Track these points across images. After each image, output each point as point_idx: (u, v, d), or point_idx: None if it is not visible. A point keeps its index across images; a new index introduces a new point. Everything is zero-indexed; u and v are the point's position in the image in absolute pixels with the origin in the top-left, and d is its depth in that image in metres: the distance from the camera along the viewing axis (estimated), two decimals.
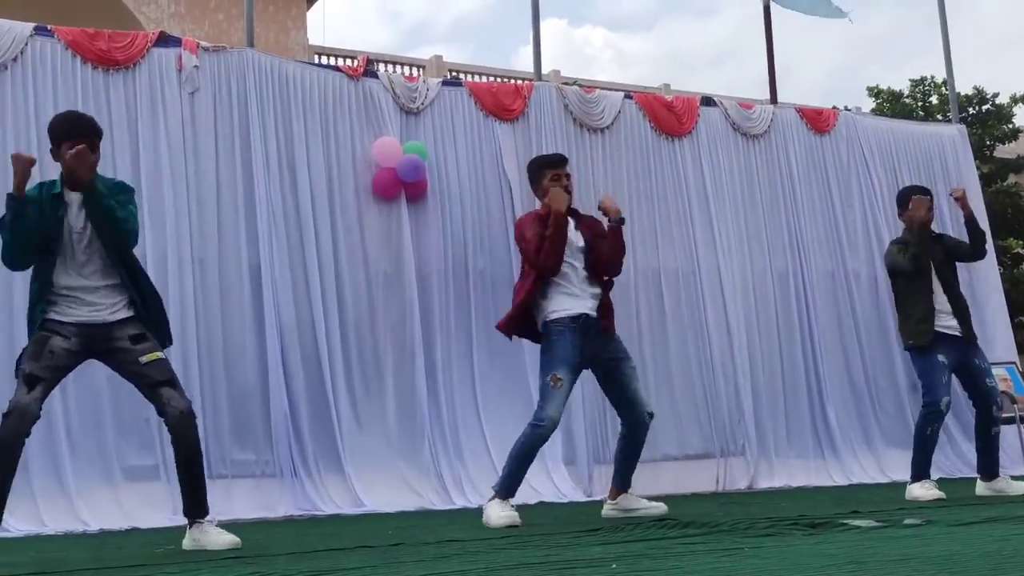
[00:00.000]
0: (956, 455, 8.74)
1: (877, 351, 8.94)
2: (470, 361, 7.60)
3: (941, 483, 6.28)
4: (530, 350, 7.64)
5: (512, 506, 5.01)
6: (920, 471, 6.04)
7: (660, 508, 5.25)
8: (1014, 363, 9.06)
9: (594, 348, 5.13)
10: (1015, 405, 8.51)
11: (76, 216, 4.25)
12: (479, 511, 5.18)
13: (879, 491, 7.17)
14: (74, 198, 4.26)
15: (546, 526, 4.84)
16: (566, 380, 5.02)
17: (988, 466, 6.15)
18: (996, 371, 8.54)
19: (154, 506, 6.33)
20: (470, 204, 7.81)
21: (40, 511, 6.06)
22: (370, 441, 7.13)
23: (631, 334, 7.44)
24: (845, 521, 4.08)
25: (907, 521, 4.09)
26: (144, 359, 4.23)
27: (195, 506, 4.30)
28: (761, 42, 9.49)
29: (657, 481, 7.69)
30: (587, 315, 5.10)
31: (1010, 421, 8.05)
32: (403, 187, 7.49)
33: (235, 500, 6.57)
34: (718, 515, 4.83)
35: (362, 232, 7.44)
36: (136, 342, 4.25)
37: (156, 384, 4.21)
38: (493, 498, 5.07)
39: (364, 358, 7.28)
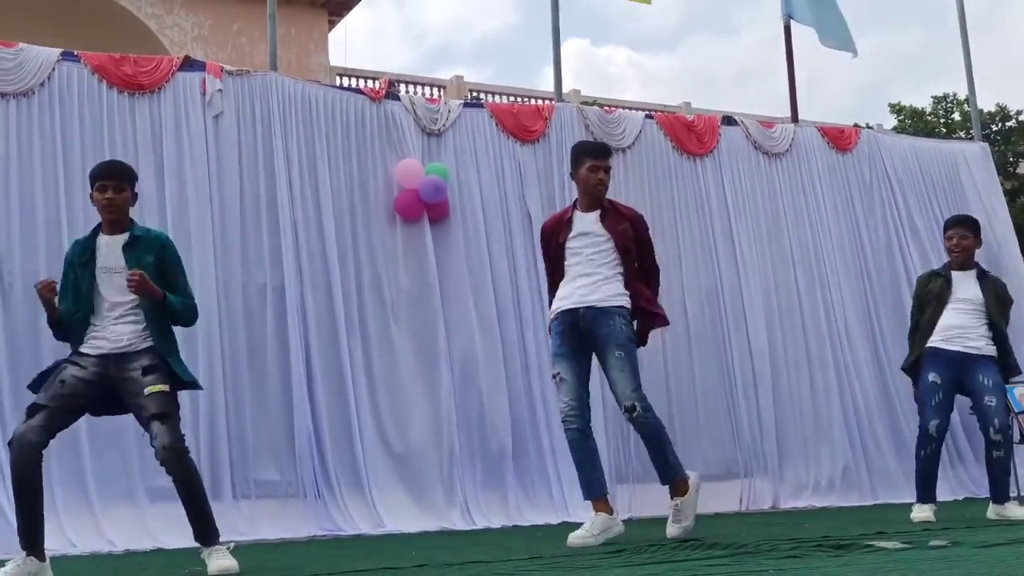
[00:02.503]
0: (982, 475, 8.65)
1: (902, 371, 8.87)
2: (495, 382, 7.59)
3: (968, 503, 6.24)
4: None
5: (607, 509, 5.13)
6: (918, 494, 6.06)
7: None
8: None
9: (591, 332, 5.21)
10: None
11: (107, 256, 4.43)
12: (502, 532, 5.18)
13: (905, 511, 7.12)
14: (116, 240, 4.46)
15: (569, 547, 4.84)
16: (565, 373, 5.19)
17: (991, 489, 6.08)
18: (1021, 390, 8.48)
19: (179, 527, 6.32)
20: (492, 224, 7.84)
21: (66, 530, 6.09)
22: (394, 462, 7.14)
23: (654, 353, 7.44)
24: (870, 543, 4.06)
25: (933, 543, 4.07)
26: (147, 390, 4.30)
27: (202, 534, 4.38)
28: (784, 61, 9.49)
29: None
30: (574, 309, 5.22)
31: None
32: (425, 208, 7.53)
33: (259, 521, 6.60)
34: (742, 536, 4.82)
35: (385, 253, 7.48)
36: (145, 373, 4.34)
37: (150, 417, 4.27)
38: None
39: (388, 378, 7.30)
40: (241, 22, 19.46)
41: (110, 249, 4.46)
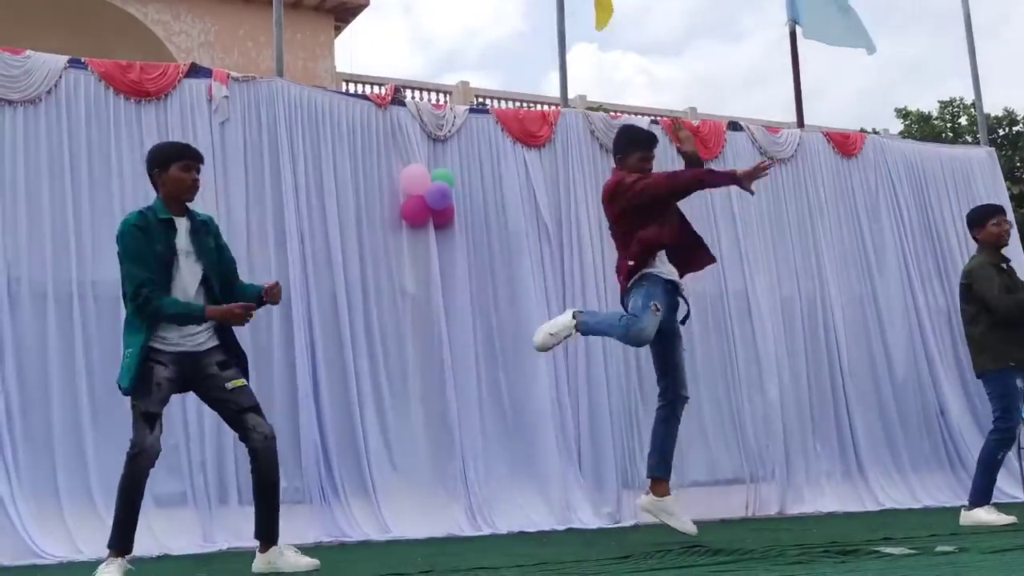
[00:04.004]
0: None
1: (906, 375, 8.88)
2: (499, 387, 7.60)
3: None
4: (560, 377, 7.65)
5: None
6: (985, 496, 5.94)
7: (692, 529, 5.28)
8: None
9: None
10: None
11: (184, 240, 4.50)
12: (509, 538, 5.18)
13: (911, 517, 7.11)
14: (181, 223, 4.52)
15: (576, 553, 4.84)
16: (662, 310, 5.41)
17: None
18: None
19: (184, 532, 6.37)
20: (497, 230, 7.84)
21: (73, 536, 6.10)
22: (399, 467, 7.15)
23: None
24: (877, 548, 4.05)
25: (940, 548, 4.07)
26: (230, 385, 4.47)
27: (268, 531, 4.47)
28: (789, 66, 9.47)
29: (687, 506, 7.63)
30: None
31: None
32: (431, 214, 7.54)
33: None
34: (748, 542, 4.81)
35: (390, 260, 7.48)
36: (223, 368, 4.50)
37: (242, 410, 4.46)
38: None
39: (393, 384, 7.30)
40: (247, 28, 19.51)
41: (181, 231, 4.51)
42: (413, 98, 11.28)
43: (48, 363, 6.39)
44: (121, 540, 4.36)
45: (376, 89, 10.76)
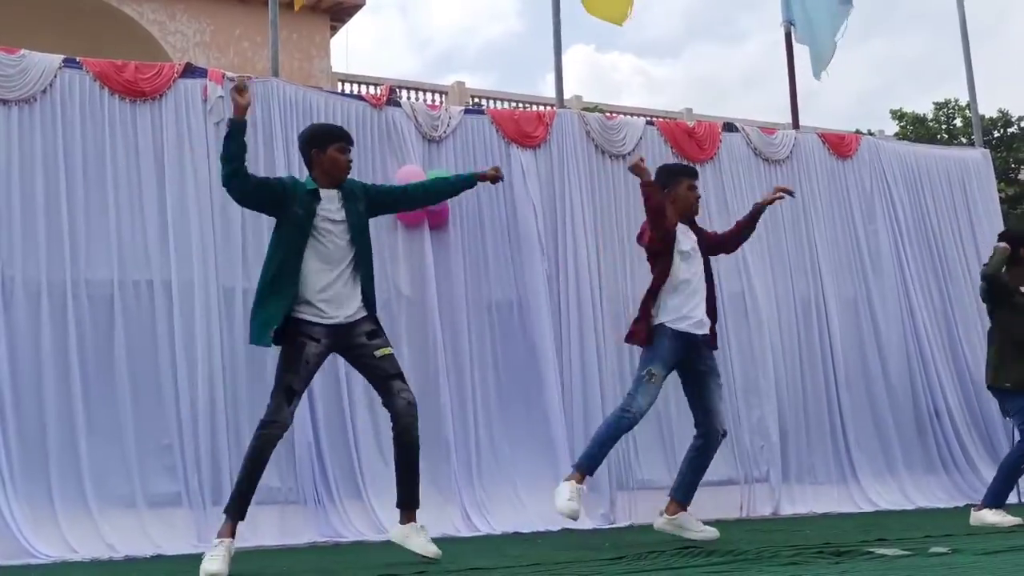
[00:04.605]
0: (981, 481, 8.66)
1: (901, 376, 8.89)
2: (493, 388, 7.60)
3: (968, 509, 6.24)
4: (554, 378, 7.65)
5: (581, 493, 5.33)
6: (997, 500, 6.02)
7: (712, 533, 5.32)
8: None
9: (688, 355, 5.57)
10: None
11: (336, 211, 4.77)
12: (503, 538, 5.19)
13: (904, 518, 7.12)
14: (332, 194, 4.79)
15: (569, 554, 4.84)
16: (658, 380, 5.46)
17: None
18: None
19: (178, 532, 6.37)
20: (491, 231, 7.84)
21: (66, 536, 6.10)
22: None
23: None
24: (871, 550, 4.06)
25: (933, 550, 4.07)
26: (378, 353, 4.73)
27: (410, 496, 4.68)
28: (785, 67, 9.47)
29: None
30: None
31: None
32: (426, 215, 7.53)
33: (260, 527, 6.58)
34: (742, 543, 4.81)
35: (385, 260, 7.47)
36: (371, 338, 4.75)
37: (388, 376, 4.71)
38: (569, 478, 5.38)
39: None
40: (243, 28, 19.49)
41: (330, 200, 4.78)
42: (408, 98, 11.28)
43: (42, 363, 6.38)
44: (237, 507, 4.60)
45: (372, 89, 10.76)
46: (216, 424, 6.67)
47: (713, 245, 6.00)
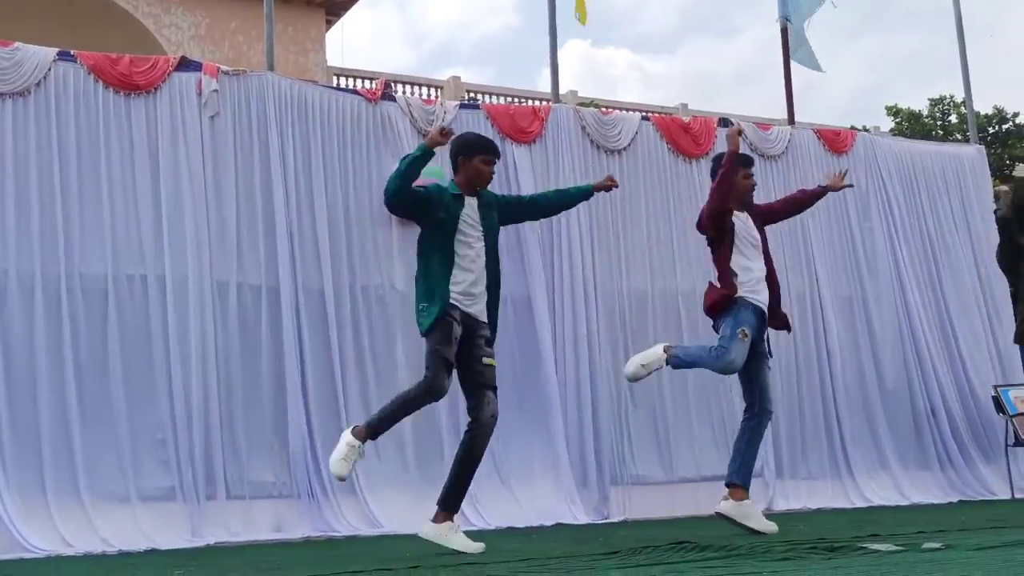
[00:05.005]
0: (975, 478, 8.69)
1: (896, 373, 8.90)
2: None
3: (961, 505, 6.25)
4: (549, 374, 7.65)
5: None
6: None
7: (772, 527, 5.35)
8: None
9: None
10: None
11: (471, 216, 5.00)
12: (497, 534, 5.19)
13: (898, 514, 7.14)
14: (472, 201, 5.03)
15: (563, 549, 4.84)
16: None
17: None
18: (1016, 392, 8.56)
19: (172, 527, 6.36)
20: None
21: (60, 530, 6.09)
22: (387, 462, 7.14)
23: None
24: (864, 545, 4.06)
25: (926, 545, 4.07)
26: (485, 361, 4.94)
27: (454, 501, 4.83)
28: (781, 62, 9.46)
29: (675, 503, 7.69)
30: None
31: None
32: None
33: (254, 521, 6.60)
34: (736, 538, 4.81)
35: (379, 255, 7.47)
36: (486, 344, 4.97)
37: (486, 386, 4.90)
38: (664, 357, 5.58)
39: (381, 379, 7.28)
40: (238, 21, 19.43)
41: (470, 207, 5.02)
42: (404, 93, 11.26)
43: (36, 356, 6.38)
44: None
45: (367, 84, 10.73)
46: (210, 419, 6.66)
47: (767, 213, 6.12)
